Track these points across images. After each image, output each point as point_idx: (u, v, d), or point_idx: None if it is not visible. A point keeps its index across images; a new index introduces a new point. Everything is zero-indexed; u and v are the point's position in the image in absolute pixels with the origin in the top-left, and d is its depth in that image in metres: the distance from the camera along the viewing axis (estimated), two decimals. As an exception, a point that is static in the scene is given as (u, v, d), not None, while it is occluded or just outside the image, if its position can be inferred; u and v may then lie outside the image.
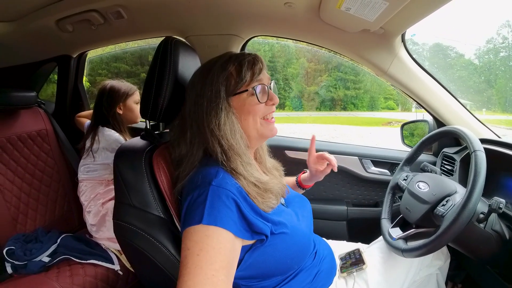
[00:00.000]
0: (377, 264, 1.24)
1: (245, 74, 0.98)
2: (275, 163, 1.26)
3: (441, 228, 1.01)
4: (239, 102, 0.99)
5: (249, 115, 1.00)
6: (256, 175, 0.97)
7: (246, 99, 0.99)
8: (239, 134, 0.97)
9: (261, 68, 1.02)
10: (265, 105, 1.02)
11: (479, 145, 1.08)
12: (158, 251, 0.97)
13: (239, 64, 0.99)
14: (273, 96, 1.04)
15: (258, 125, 1.02)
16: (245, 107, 0.99)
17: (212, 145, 0.95)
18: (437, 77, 1.63)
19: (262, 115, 1.02)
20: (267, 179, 1.01)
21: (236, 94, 0.98)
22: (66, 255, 1.62)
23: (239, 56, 1.02)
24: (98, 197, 1.83)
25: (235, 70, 0.99)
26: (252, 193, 0.91)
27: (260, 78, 1.01)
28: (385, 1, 1.10)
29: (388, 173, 1.90)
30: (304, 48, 2.23)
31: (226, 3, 1.46)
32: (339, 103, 14.73)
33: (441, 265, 1.30)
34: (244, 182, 0.92)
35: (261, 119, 1.02)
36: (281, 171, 1.25)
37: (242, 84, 0.98)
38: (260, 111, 1.01)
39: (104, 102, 1.91)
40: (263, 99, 1.01)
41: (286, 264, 1.00)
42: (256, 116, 1.01)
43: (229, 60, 1.00)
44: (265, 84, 1.02)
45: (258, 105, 1.00)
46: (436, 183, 1.19)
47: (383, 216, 1.37)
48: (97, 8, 1.51)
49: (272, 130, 1.06)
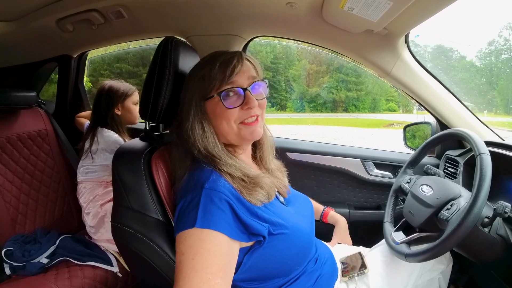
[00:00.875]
0: (379, 268, 1.22)
1: (214, 77, 0.94)
2: (279, 165, 1.23)
3: (445, 233, 0.99)
4: (212, 106, 0.96)
5: (222, 120, 0.95)
6: (243, 169, 0.95)
7: (217, 103, 0.94)
8: (211, 139, 0.95)
9: (234, 68, 0.94)
10: (240, 109, 0.96)
11: (484, 148, 1.06)
12: (156, 255, 0.95)
13: (211, 66, 0.95)
14: (249, 99, 0.95)
15: (235, 130, 0.97)
16: (217, 112, 0.95)
17: (191, 147, 0.95)
18: (440, 78, 1.62)
19: (238, 120, 0.96)
20: (256, 173, 0.98)
21: (207, 98, 0.96)
22: (65, 257, 1.61)
23: (217, 56, 0.98)
24: (97, 199, 1.82)
25: (208, 72, 0.95)
26: (238, 187, 0.90)
27: (233, 80, 0.95)
28: (389, 1, 1.09)
29: (391, 176, 1.89)
30: (306, 49, 2.23)
31: (227, 3, 1.45)
32: (341, 104, 14.75)
33: (443, 269, 1.28)
34: (229, 178, 0.91)
35: (238, 124, 0.97)
36: (284, 172, 1.23)
37: (212, 88, 0.95)
38: (234, 116, 0.95)
39: (102, 103, 1.91)
40: (235, 104, 0.95)
41: (287, 265, 0.99)
42: (230, 121, 0.96)
43: (207, 61, 0.97)
44: (237, 86, 0.95)
45: (229, 111, 0.94)
46: (440, 187, 1.17)
47: (386, 220, 1.35)
48: (97, 8, 1.51)
49: (252, 134, 0.99)
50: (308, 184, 1.96)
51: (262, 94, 1.02)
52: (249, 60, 1.02)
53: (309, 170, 1.95)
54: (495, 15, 18.77)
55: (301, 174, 1.95)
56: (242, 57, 0.98)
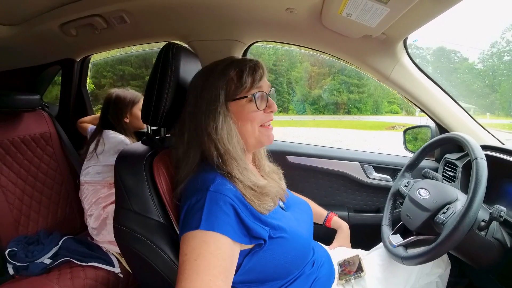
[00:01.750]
0: (376, 271, 1.23)
1: (245, 80, 0.97)
2: (273, 167, 1.25)
3: (441, 236, 1.00)
4: (238, 107, 0.98)
5: (247, 122, 0.99)
6: (253, 179, 0.97)
7: (245, 105, 0.99)
8: (236, 139, 0.97)
9: (262, 75, 1.01)
10: (263, 112, 1.02)
11: (480, 152, 1.07)
12: (157, 256, 0.97)
13: (240, 70, 0.99)
14: (271, 103, 1.04)
15: (256, 132, 1.01)
16: (244, 113, 0.99)
17: (209, 148, 0.95)
18: (439, 82, 1.62)
19: (260, 122, 1.02)
20: (264, 183, 1.01)
21: (235, 99, 0.98)
22: (67, 257, 1.63)
23: (240, 61, 1.01)
24: (100, 201, 1.83)
25: (235, 75, 0.98)
26: (248, 196, 0.91)
27: (260, 85, 1.00)
28: (386, 7, 1.10)
29: (390, 179, 1.89)
30: (308, 52, 2.24)
31: (228, 9, 1.47)
32: (343, 106, 14.75)
33: (441, 273, 1.28)
34: (240, 186, 0.92)
35: (259, 126, 1.02)
36: (280, 174, 1.24)
37: (242, 89, 0.98)
38: (258, 118, 1.01)
39: (111, 112, 1.94)
40: (262, 107, 1.00)
41: (285, 268, 1.00)
42: (254, 123, 1.00)
43: (231, 65, 1.00)
44: (264, 91, 1.01)
45: (256, 112, 1.00)
46: (437, 190, 1.18)
47: (384, 223, 1.36)
48: (100, 13, 1.52)
49: (270, 137, 1.05)
50: (308, 187, 1.96)
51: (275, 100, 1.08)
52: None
53: (309, 173, 1.95)
54: (498, 17, 18.69)
55: (301, 177, 1.95)
56: (264, 66, 1.04)
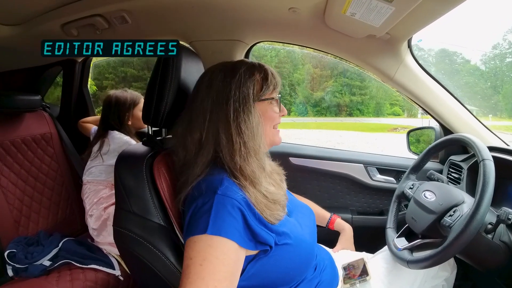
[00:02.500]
0: (381, 275, 1.22)
1: (271, 83, 1.01)
2: (275, 167, 1.22)
3: (448, 239, 0.99)
4: (262, 108, 1.00)
5: (268, 122, 1.02)
6: (265, 184, 0.96)
7: (268, 106, 1.02)
8: (262, 136, 0.98)
9: (279, 80, 1.05)
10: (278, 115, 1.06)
11: (487, 153, 1.05)
12: (157, 259, 0.95)
13: (265, 73, 1.01)
14: (283, 107, 1.08)
15: (271, 133, 1.05)
16: (267, 113, 1.02)
17: (231, 146, 0.92)
18: (443, 83, 1.61)
19: (274, 123, 1.06)
20: (273, 189, 1.00)
21: (261, 100, 1.00)
22: (67, 259, 1.62)
23: (261, 65, 1.04)
24: (101, 201, 1.83)
25: (260, 78, 1.00)
26: (260, 206, 0.90)
27: (277, 90, 1.05)
28: (391, 6, 1.09)
29: (394, 181, 1.88)
30: (310, 54, 2.23)
31: (230, 9, 1.46)
32: (345, 109, 14.76)
33: (447, 276, 1.27)
34: (251, 191, 0.90)
35: (272, 128, 1.06)
36: (282, 176, 1.22)
37: (267, 91, 1.00)
38: (276, 120, 1.06)
39: (112, 115, 1.95)
40: (277, 110, 1.06)
41: (288, 275, 0.99)
42: (272, 124, 1.05)
43: (254, 67, 1.01)
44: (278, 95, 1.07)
45: (275, 114, 1.05)
46: (443, 193, 1.17)
47: (388, 226, 1.35)
48: (101, 13, 1.52)
49: (279, 138, 1.10)
50: (311, 189, 1.96)
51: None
52: None
53: (312, 175, 1.94)
54: (499, 19, 18.71)
55: (304, 179, 1.95)
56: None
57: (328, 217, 1.48)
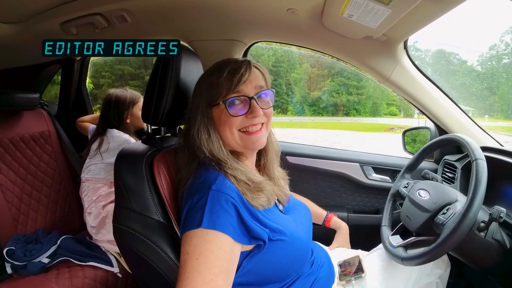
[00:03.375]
0: (376, 272, 1.24)
1: (221, 85, 0.96)
2: (283, 173, 1.24)
3: (441, 237, 1.01)
4: (217, 113, 0.99)
5: (225, 127, 0.98)
6: (249, 175, 0.97)
7: (222, 110, 0.97)
8: (217, 144, 0.98)
9: (241, 77, 0.96)
10: (244, 117, 0.98)
11: (480, 153, 1.07)
12: (157, 256, 0.96)
13: (218, 75, 0.97)
14: (254, 108, 0.98)
15: (236, 138, 1.00)
16: (221, 119, 0.98)
17: (197, 151, 0.97)
18: (439, 84, 1.63)
19: (239, 127, 0.99)
20: (260, 179, 1.01)
21: (214, 105, 0.98)
22: (65, 257, 1.62)
23: (225, 64, 0.99)
24: (100, 199, 1.83)
25: (214, 80, 0.98)
26: (242, 189, 0.92)
27: (239, 89, 0.97)
28: (387, 8, 1.10)
29: (389, 180, 1.90)
30: (308, 53, 2.24)
31: (229, 9, 1.47)
32: (342, 108, 14.79)
33: (441, 273, 1.28)
34: (235, 180, 0.93)
35: (238, 131, 1.00)
36: (286, 180, 1.24)
37: (219, 95, 0.97)
38: (236, 123, 0.98)
39: (111, 113, 1.96)
40: (240, 112, 0.97)
41: (284, 271, 1.00)
42: (233, 128, 0.98)
43: (216, 69, 1.00)
44: (243, 95, 0.98)
45: (232, 118, 0.97)
46: (437, 191, 1.19)
47: (383, 224, 1.37)
48: (101, 12, 1.52)
49: (255, 143, 1.02)
50: (308, 188, 1.97)
51: (269, 103, 1.04)
52: (258, 68, 1.04)
53: (309, 174, 1.96)
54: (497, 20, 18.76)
55: (300, 178, 1.96)
56: (250, 66, 0.99)
57: (324, 215, 1.50)
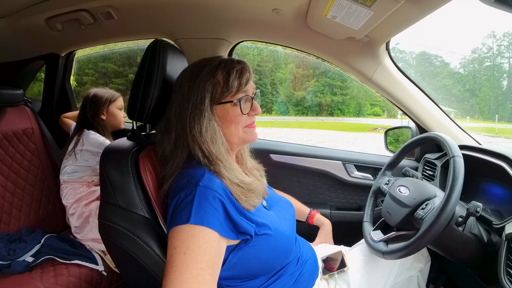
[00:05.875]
0: (358, 266, 1.26)
1: (232, 85, 0.98)
2: (255, 163, 1.26)
3: (420, 231, 1.04)
4: (223, 111, 1.00)
5: (232, 125, 1.01)
6: (240, 177, 0.99)
7: (230, 109, 1.00)
8: (220, 141, 0.99)
9: (248, 79, 1.02)
10: (248, 115, 1.04)
11: (457, 151, 1.11)
12: (142, 251, 0.97)
13: (227, 73, 0.99)
14: (256, 107, 1.06)
15: (241, 133, 1.04)
16: (229, 116, 1.00)
17: (193, 149, 0.97)
18: (420, 85, 1.67)
19: (244, 124, 1.04)
20: (250, 180, 1.03)
21: (221, 103, 0.99)
22: (50, 255, 1.60)
23: (228, 63, 1.02)
24: (82, 199, 1.83)
25: (222, 78, 0.99)
26: (235, 192, 0.94)
27: (246, 89, 1.02)
28: (370, 10, 1.13)
29: (371, 178, 1.93)
30: (293, 53, 2.26)
31: (215, 8, 1.48)
32: (326, 108, 14.88)
33: (421, 267, 1.33)
34: (228, 182, 0.94)
35: (243, 127, 1.04)
36: (262, 171, 1.26)
37: (228, 94, 0.99)
38: (243, 121, 1.03)
39: (88, 109, 1.95)
40: (246, 110, 1.02)
41: (269, 264, 1.02)
42: (239, 126, 1.02)
43: (218, 67, 1.00)
44: (249, 95, 1.03)
45: (241, 116, 1.01)
46: (417, 187, 1.22)
47: (365, 219, 1.40)
48: (87, 8, 1.52)
49: (254, 136, 1.08)
50: (291, 186, 1.99)
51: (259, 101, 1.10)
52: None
53: (292, 171, 1.98)
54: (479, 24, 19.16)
55: (284, 176, 1.98)
56: (251, 69, 1.05)
57: (307, 212, 1.52)
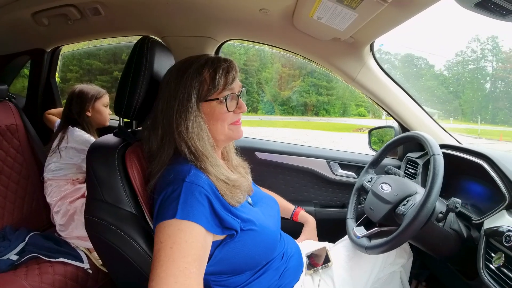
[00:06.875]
0: (342, 261, 1.29)
1: (218, 82, 0.99)
2: (241, 161, 1.28)
3: (401, 226, 1.07)
4: (209, 108, 1.01)
5: (218, 122, 1.03)
6: (225, 173, 1.01)
7: (216, 106, 1.01)
8: (207, 138, 1.00)
9: (235, 77, 1.04)
10: (233, 113, 1.05)
11: (437, 149, 1.15)
12: (129, 246, 0.98)
13: (214, 71, 1.00)
14: (241, 105, 1.07)
15: (226, 130, 1.05)
16: (215, 114, 1.02)
17: (180, 145, 0.98)
18: (404, 86, 1.71)
19: (230, 121, 1.05)
20: (235, 177, 1.05)
21: (207, 100, 1.01)
22: (34, 253, 1.59)
23: (215, 61, 1.03)
24: (66, 196, 1.82)
25: (209, 76, 1.00)
26: (221, 188, 0.95)
27: (232, 86, 1.03)
28: (354, 12, 1.16)
29: (355, 176, 1.96)
30: (279, 53, 2.28)
31: (203, 6, 1.49)
32: (312, 108, 14.97)
33: (404, 263, 1.37)
34: (214, 178, 0.96)
35: (229, 125, 1.05)
36: (247, 168, 1.28)
37: (214, 91, 1.00)
38: (229, 118, 1.04)
39: (73, 105, 1.93)
40: (232, 108, 1.03)
41: (254, 259, 1.05)
42: (224, 123, 1.04)
43: (205, 65, 1.02)
44: (235, 93, 1.05)
45: (227, 113, 1.02)
46: (398, 185, 1.26)
47: (349, 216, 1.43)
48: (74, 3, 1.51)
49: (239, 133, 1.10)
50: (276, 183, 2.01)
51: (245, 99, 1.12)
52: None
53: (277, 169, 1.99)
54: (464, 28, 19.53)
55: (269, 174, 1.99)
56: (237, 67, 1.06)
57: (292, 209, 1.55)
